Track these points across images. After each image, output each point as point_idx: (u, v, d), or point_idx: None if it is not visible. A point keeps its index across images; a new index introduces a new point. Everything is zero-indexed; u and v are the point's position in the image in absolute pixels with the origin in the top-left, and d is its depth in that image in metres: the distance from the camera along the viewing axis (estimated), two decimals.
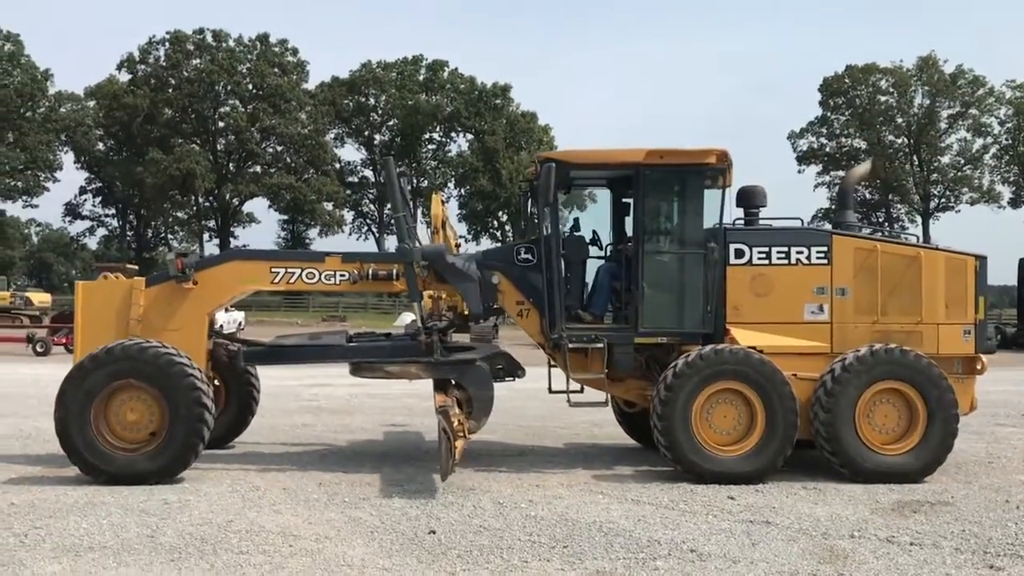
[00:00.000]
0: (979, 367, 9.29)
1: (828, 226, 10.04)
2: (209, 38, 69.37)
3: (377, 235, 78.94)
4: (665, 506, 7.76)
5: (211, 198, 71.30)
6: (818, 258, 9.22)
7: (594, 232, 10.23)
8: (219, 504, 7.69)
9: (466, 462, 9.79)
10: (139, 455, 8.46)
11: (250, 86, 69.92)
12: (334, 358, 9.98)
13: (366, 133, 78.51)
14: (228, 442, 10.45)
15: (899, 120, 72.26)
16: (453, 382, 9.18)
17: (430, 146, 79.85)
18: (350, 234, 78.76)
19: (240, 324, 37.55)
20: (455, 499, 7.89)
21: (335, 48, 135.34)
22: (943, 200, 71.46)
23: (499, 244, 74.77)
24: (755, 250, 9.23)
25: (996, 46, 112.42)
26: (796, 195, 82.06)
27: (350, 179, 78.46)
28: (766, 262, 9.22)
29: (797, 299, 9.20)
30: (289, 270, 9.39)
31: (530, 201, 9.97)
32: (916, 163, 71.76)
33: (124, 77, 69.81)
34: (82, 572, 5.85)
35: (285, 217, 75.91)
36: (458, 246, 11.95)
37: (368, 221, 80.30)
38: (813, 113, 75.67)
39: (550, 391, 10.07)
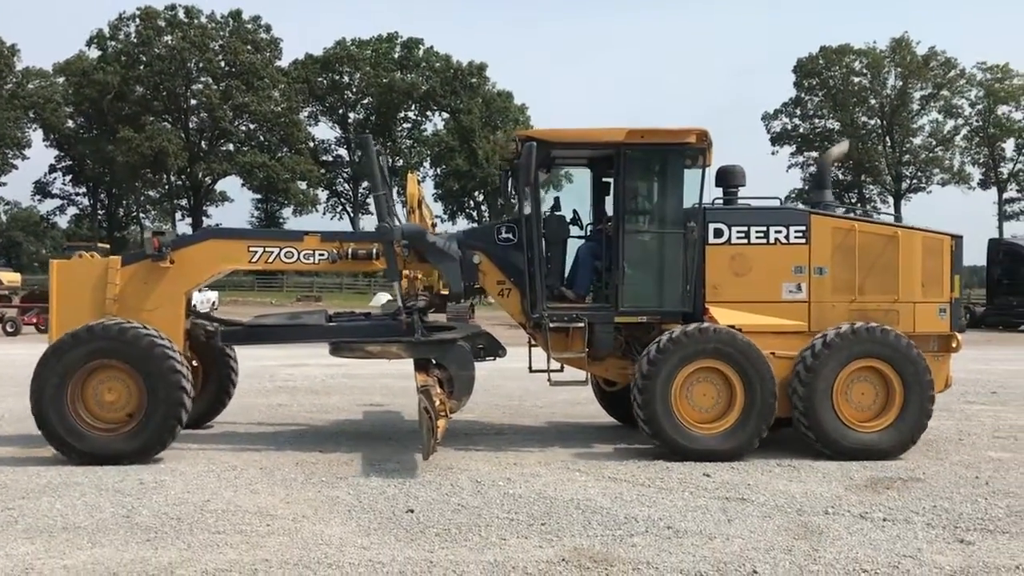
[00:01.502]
0: (954, 345, 9.41)
1: (801, 206, 10.08)
2: (181, 14, 68.43)
3: (352, 214, 78.59)
4: (642, 484, 7.81)
5: (183, 177, 70.56)
6: (796, 237, 9.26)
7: (575, 212, 10.21)
8: (195, 484, 7.65)
9: (444, 441, 9.79)
10: (116, 436, 8.39)
11: (222, 63, 69.09)
12: (314, 338, 9.92)
13: (340, 111, 77.94)
14: (206, 422, 10.40)
15: (872, 101, 72.74)
16: (434, 362, 9.15)
17: (405, 125, 79.48)
18: (324, 213, 78.40)
19: (214, 304, 37.26)
20: (433, 478, 7.90)
21: (309, 25, 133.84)
22: (915, 181, 72.15)
23: (476, 224, 74.74)
24: (734, 229, 9.26)
25: (967, 27, 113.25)
26: (769, 176, 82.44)
27: (324, 158, 77.94)
28: (745, 241, 9.26)
29: (775, 278, 9.25)
30: (267, 249, 9.30)
31: (510, 180, 9.92)
32: (888, 144, 72.33)
33: (94, 53, 68.91)
34: (56, 552, 5.80)
35: (258, 196, 75.37)
36: (434, 226, 11.91)
37: (343, 200, 79.92)
38: (788, 94, 76.01)
39: (531, 370, 10.08)
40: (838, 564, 5.66)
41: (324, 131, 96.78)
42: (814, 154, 69.36)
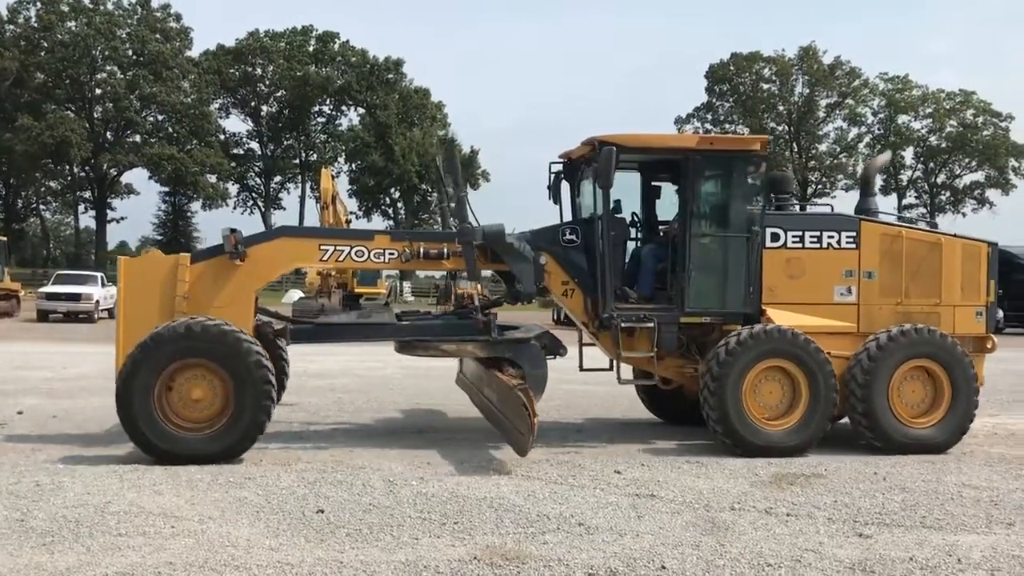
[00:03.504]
0: (989, 346, 9.99)
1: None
2: (86, 0, 66.08)
3: (263, 209, 77.17)
4: (554, 481, 7.86)
5: (87, 168, 68.20)
6: (847, 243, 9.68)
7: (633, 214, 10.46)
8: (95, 485, 7.38)
9: (357, 441, 9.70)
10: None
11: (129, 52, 67.07)
12: (386, 336, 9.95)
13: (252, 104, 76.50)
14: None
15: (780, 108, 74.87)
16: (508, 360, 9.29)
17: (320, 119, 78.47)
18: (235, 208, 76.79)
19: None
20: (344, 477, 7.80)
21: (220, 16, 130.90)
22: (820, 186, 74.49)
23: (392, 220, 74.20)
24: (790, 234, 9.64)
25: (871, 38, 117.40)
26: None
27: (235, 151, 76.34)
28: (799, 246, 9.65)
29: (827, 281, 9.66)
30: (338, 248, 9.27)
31: (561, 182, 10.33)
32: (796, 150, 74.51)
33: None
34: None
35: (166, 189, 73.40)
36: (348, 222, 11.78)
37: (254, 195, 78.37)
38: (700, 99, 77.58)
39: (581, 369, 10.43)
40: (743, 558, 5.79)
41: (235, 124, 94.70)
42: None
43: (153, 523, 6.31)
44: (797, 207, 10.25)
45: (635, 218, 10.49)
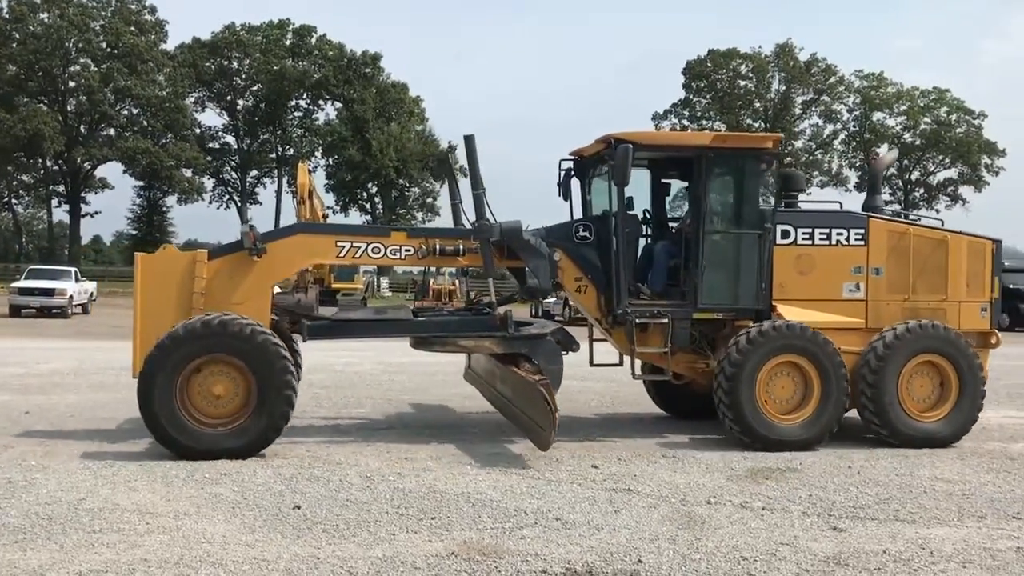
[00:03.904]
0: (993, 341, 10.13)
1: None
2: None
3: (239, 204, 76.64)
4: (532, 476, 7.87)
5: (60, 161, 67.42)
6: (856, 240, 9.80)
7: (645, 211, 10.54)
8: (69, 482, 7.31)
9: (334, 436, 9.68)
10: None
11: (104, 44, 66.34)
12: (403, 332, 9.90)
13: (228, 98, 75.92)
14: None
15: (757, 105, 75.22)
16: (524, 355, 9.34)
17: (296, 113, 77.98)
18: (210, 202, 76.24)
19: (92, 295, 35.80)
20: (321, 473, 7.77)
21: (196, 8, 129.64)
22: None
23: (370, 216, 73.94)
24: (799, 231, 9.73)
25: (845, 36, 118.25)
26: None
27: (211, 145, 75.76)
28: (809, 243, 9.74)
29: (836, 278, 9.77)
30: (355, 244, 9.29)
31: (570, 179, 10.41)
32: None
33: None
34: None
35: (141, 183, 72.72)
36: (325, 217, 11.73)
37: (229, 189, 77.84)
38: (677, 95, 77.82)
39: (591, 364, 10.52)
40: (719, 552, 5.83)
41: (211, 118, 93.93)
42: None
43: (128, 520, 6.27)
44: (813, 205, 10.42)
45: (645, 215, 10.61)
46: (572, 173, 10.49)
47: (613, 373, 11.09)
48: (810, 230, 9.77)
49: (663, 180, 10.79)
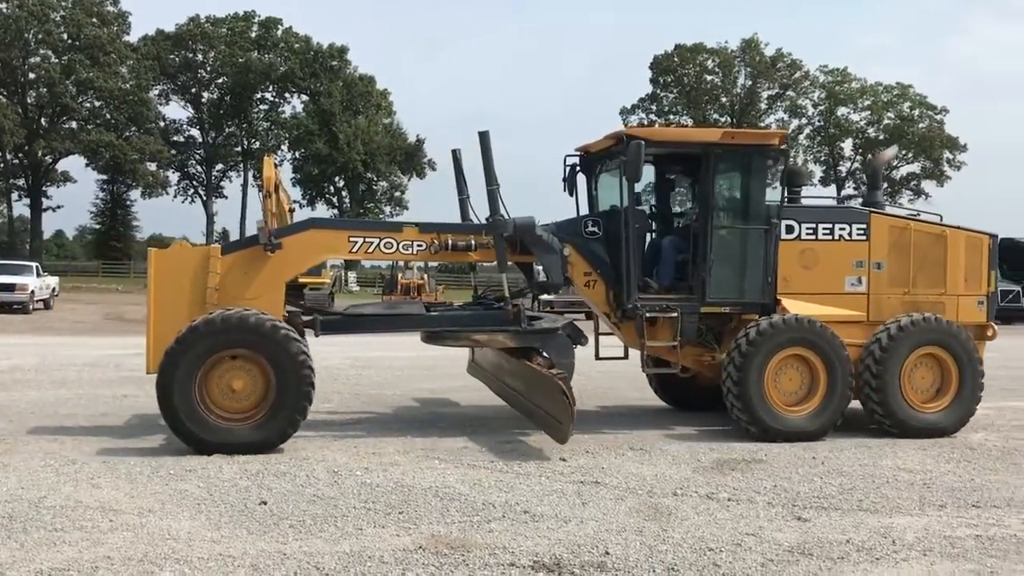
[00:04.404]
0: (990, 333, 10.34)
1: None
2: None
3: (204, 198, 75.86)
4: (500, 470, 7.88)
5: (20, 155, 66.20)
6: (858, 234, 9.96)
7: (651, 206, 10.64)
8: (30, 479, 7.21)
9: (301, 431, 9.58)
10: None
11: (65, 36, 65.11)
12: (416, 327, 9.91)
13: (193, 90, 75.00)
14: None
15: (723, 99, 75.67)
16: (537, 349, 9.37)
17: (262, 106, 77.20)
18: (175, 196, 75.32)
19: (54, 290, 35.26)
20: (288, 468, 7.73)
21: (160, 0, 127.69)
22: None
23: (337, 210, 73.48)
24: (803, 226, 9.87)
25: (811, 31, 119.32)
26: None
27: (175, 138, 74.82)
28: (813, 237, 9.89)
29: (839, 272, 9.95)
30: (367, 239, 9.34)
31: (576, 175, 10.44)
32: None
33: None
34: None
35: (104, 177, 71.68)
36: (292, 211, 11.65)
37: (194, 183, 76.94)
38: (644, 90, 78.09)
39: (597, 357, 10.71)
40: (685, 543, 5.88)
41: (176, 111, 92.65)
42: None
43: (91, 517, 6.19)
44: (812, 201, 10.71)
45: (652, 210, 10.71)
46: (578, 169, 10.57)
47: (581, 366, 11.12)
48: (814, 225, 9.94)
49: (668, 176, 10.92)
